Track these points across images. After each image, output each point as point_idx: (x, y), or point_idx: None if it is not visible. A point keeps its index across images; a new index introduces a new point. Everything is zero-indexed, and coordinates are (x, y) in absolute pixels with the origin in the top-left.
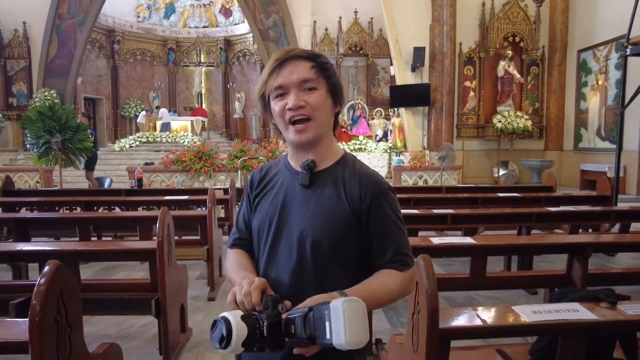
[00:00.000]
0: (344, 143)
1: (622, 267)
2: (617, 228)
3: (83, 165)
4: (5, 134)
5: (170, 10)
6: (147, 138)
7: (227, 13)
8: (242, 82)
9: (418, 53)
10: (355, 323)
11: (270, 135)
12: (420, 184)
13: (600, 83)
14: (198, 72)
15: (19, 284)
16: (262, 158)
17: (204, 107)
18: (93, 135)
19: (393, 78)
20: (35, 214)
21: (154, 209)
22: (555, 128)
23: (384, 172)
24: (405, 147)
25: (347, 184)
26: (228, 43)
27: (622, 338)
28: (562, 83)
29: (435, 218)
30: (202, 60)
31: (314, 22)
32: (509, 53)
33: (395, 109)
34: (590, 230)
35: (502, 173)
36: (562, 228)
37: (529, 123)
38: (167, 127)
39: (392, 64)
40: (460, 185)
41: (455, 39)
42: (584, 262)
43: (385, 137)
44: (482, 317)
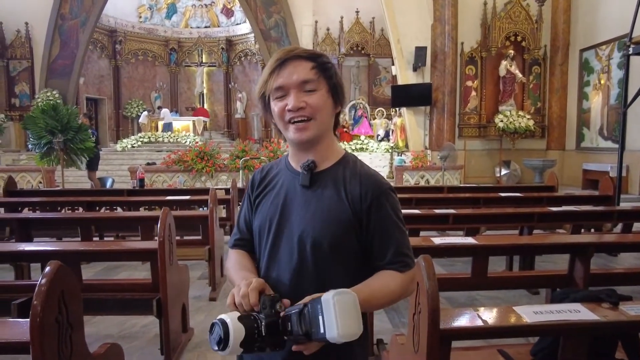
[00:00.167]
0: (346, 143)
1: (624, 267)
2: (619, 228)
3: (85, 166)
4: (8, 135)
5: (172, 11)
6: (149, 138)
7: (228, 13)
8: (243, 82)
9: (420, 53)
10: (347, 315)
11: (272, 135)
12: (422, 184)
13: (603, 82)
14: (200, 72)
15: (21, 284)
16: (263, 158)
17: (206, 107)
18: (95, 136)
19: (395, 78)
20: (38, 214)
21: (156, 209)
22: (558, 127)
23: (386, 171)
24: (407, 146)
25: (347, 184)
26: (230, 43)
27: (624, 339)
28: (564, 82)
29: (437, 218)
30: (203, 61)
31: (316, 22)
32: (511, 52)
33: (397, 109)
34: (593, 230)
35: (504, 173)
36: (564, 228)
37: (531, 123)
38: (169, 127)
39: (393, 64)
40: (462, 185)
41: (457, 39)
42: (586, 262)
43: (387, 137)
44: (483, 317)
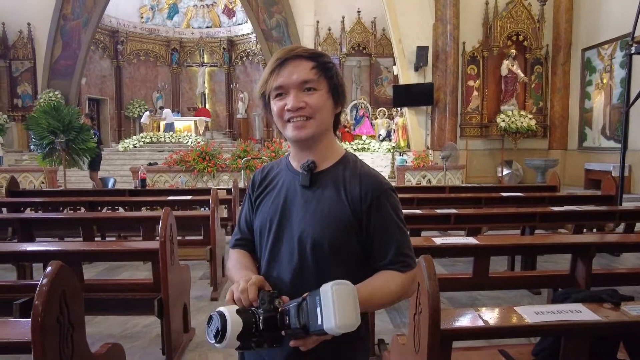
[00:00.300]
0: (348, 143)
1: (626, 267)
2: (621, 228)
3: (87, 166)
4: (11, 135)
5: (174, 11)
6: (150, 138)
7: (230, 13)
8: (245, 82)
9: (421, 52)
10: (345, 306)
11: (274, 135)
12: (424, 184)
13: (605, 82)
14: (201, 72)
15: (23, 284)
16: (265, 158)
17: (208, 107)
18: (97, 136)
19: (396, 77)
20: (40, 215)
21: (158, 209)
22: (560, 127)
23: (387, 171)
24: (409, 146)
25: (347, 185)
26: (231, 43)
27: (626, 339)
28: (566, 82)
29: (439, 218)
30: (205, 61)
31: (317, 22)
32: (513, 52)
33: (399, 109)
34: (595, 230)
35: (505, 172)
36: (566, 228)
37: (533, 122)
38: (170, 127)
39: (395, 64)
40: (464, 185)
41: (459, 38)
42: (588, 262)
43: (389, 136)
44: (484, 317)
